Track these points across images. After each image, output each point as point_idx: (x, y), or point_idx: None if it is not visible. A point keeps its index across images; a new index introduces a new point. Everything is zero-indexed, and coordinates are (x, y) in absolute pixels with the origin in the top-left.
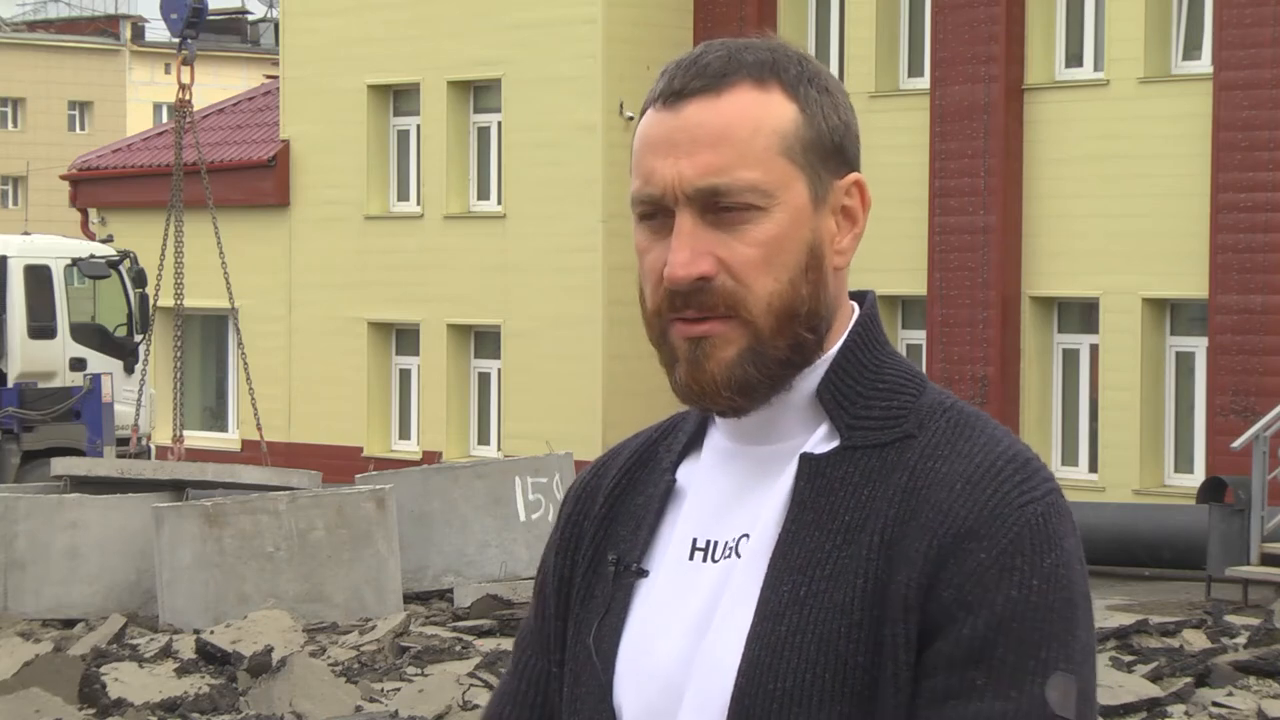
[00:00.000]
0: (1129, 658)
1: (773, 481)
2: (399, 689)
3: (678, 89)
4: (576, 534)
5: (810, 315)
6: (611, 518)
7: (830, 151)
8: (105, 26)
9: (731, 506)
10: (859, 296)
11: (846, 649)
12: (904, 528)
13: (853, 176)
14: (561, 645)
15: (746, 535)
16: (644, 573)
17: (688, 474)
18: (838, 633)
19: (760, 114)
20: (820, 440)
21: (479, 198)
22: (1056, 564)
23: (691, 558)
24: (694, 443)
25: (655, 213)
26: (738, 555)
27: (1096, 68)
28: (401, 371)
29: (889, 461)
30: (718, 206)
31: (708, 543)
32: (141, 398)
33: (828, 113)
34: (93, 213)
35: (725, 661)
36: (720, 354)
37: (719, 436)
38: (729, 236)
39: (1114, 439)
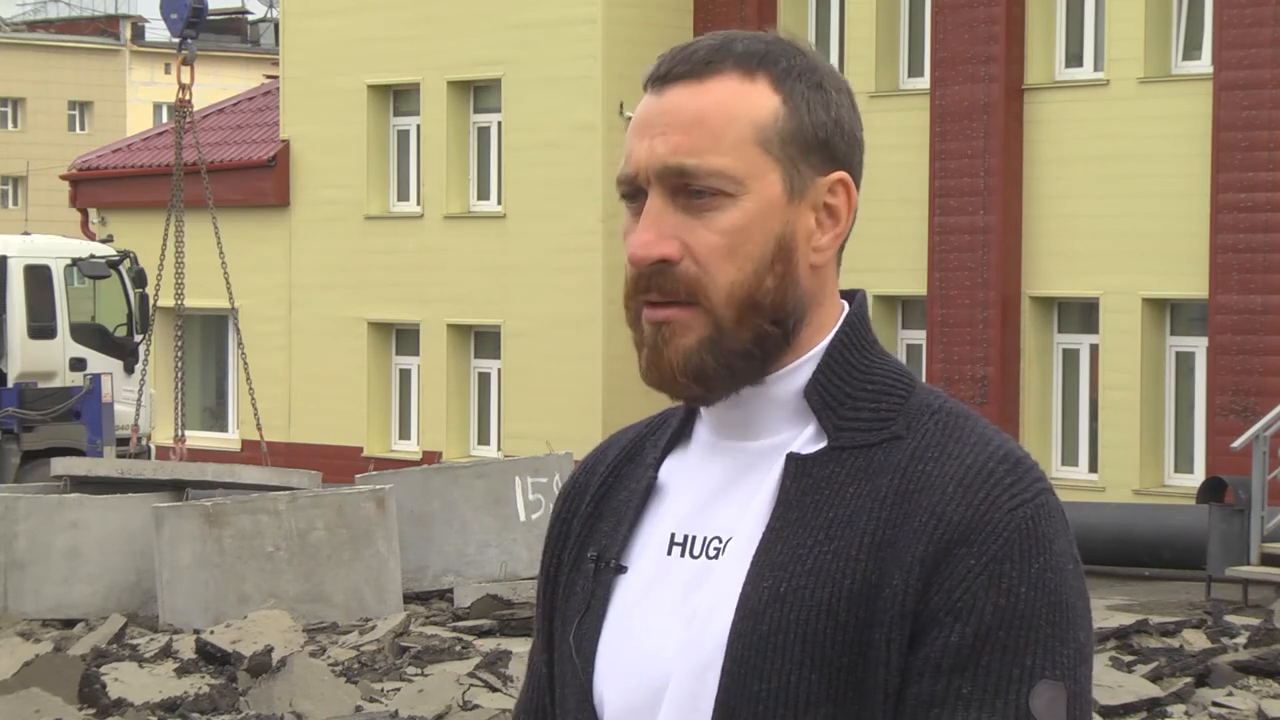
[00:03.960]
0: (1129, 658)
1: (757, 479)
2: (399, 689)
3: (664, 74)
4: (565, 532)
5: (774, 309)
6: (597, 515)
7: (812, 147)
8: (105, 26)
9: (714, 502)
10: (848, 295)
11: (831, 651)
12: (897, 531)
13: (837, 175)
14: (552, 644)
15: (730, 532)
16: (623, 569)
17: (671, 469)
18: (822, 633)
19: (740, 103)
20: (807, 440)
21: (479, 198)
22: (1045, 568)
23: (670, 553)
24: (679, 437)
25: (635, 194)
26: (720, 554)
27: (1096, 68)
28: (401, 371)
29: (876, 462)
30: (688, 190)
31: (686, 537)
32: (141, 398)
33: (814, 108)
34: (93, 213)
35: (708, 661)
36: (679, 340)
37: (704, 431)
38: (696, 222)
39: (1114, 439)
